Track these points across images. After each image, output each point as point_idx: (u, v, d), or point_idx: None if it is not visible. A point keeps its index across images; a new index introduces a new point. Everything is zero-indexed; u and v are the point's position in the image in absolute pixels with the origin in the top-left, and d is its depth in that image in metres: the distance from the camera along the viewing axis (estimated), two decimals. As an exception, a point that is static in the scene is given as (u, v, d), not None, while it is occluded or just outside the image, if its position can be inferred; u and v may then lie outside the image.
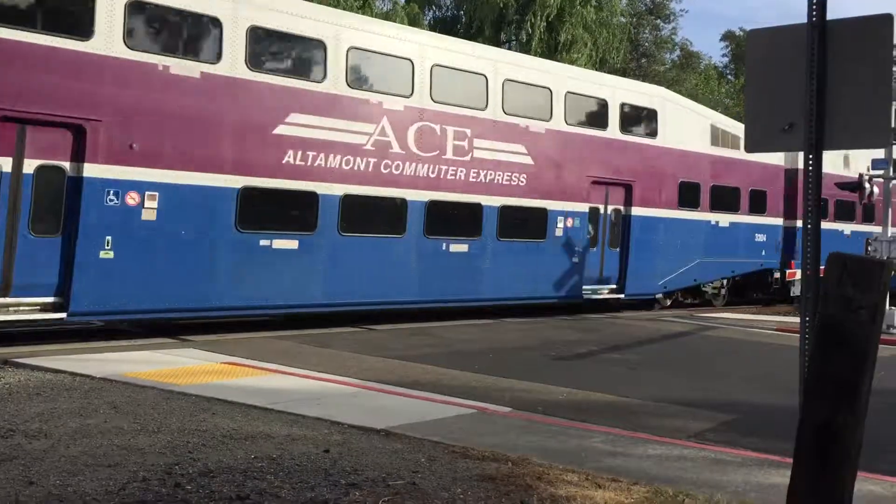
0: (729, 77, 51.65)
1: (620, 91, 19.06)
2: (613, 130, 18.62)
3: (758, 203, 22.66)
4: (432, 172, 15.28)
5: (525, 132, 16.82)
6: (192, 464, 5.59)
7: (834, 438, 3.68)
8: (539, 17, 29.54)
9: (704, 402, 9.44)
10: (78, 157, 11.18)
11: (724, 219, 21.66)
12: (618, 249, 19.06)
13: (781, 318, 19.84)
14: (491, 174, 16.23)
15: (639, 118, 19.47)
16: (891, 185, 19.41)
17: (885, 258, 17.28)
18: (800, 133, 4.55)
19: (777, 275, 23.38)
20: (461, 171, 15.74)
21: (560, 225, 17.50)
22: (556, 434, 7.29)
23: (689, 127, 20.66)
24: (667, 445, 7.09)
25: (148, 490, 4.99)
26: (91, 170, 11.25)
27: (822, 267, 4.06)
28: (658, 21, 44.13)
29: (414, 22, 27.84)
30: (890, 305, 16.41)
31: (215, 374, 9.32)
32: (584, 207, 17.99)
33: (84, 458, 5.61)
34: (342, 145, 13.99)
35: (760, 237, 22.75)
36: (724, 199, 21.52)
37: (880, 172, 19.68)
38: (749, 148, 4.98)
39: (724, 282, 22.75)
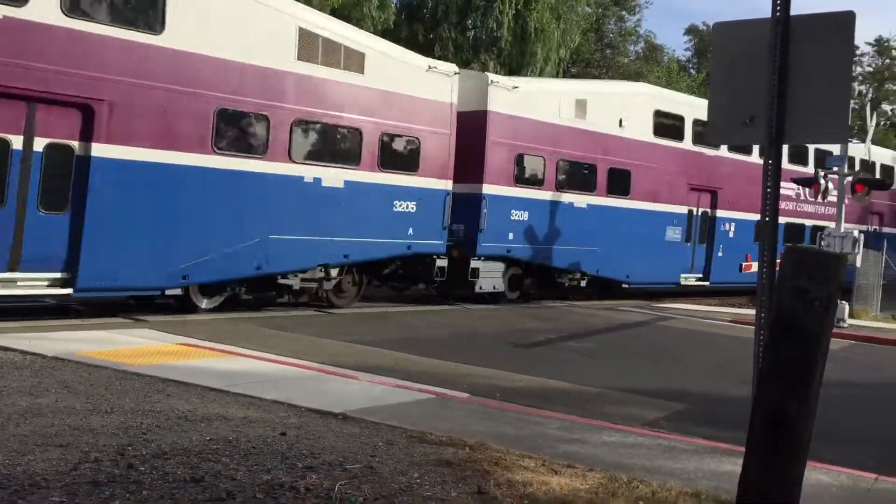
0: (691, 71, 52.17)
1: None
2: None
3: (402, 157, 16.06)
4: None
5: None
6: (145, 445, 5.51)
7: (786, 427, 3.75)
8: (507, 5, 29.46)
9: (659, 391, 9.57)
10: None
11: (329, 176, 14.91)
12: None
13: (736, 310, 20.19)
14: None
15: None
16: (845, 181, 19.83)
17: (838, 252, 17.65)
18: (760, 127, 4.60)
19: (442, 262, 16.49)
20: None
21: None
22: (513, 420, 7.33)
23: None
24: (622, 433, 7.18)
25: (100, 471, 4.91)
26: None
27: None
28: (623, 13, 44.38)
29: (383, 8, 27.59)
30: (840, 299, 16.78)
31: (171, 354, 9.20)
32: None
33: (34, 438, 5.50)
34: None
35: (405, 206, 15.73)
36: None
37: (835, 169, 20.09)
38: (712, 140, 5.04)
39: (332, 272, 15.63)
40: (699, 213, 22.11)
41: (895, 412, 9.91)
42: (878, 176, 26.41)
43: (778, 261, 4.15)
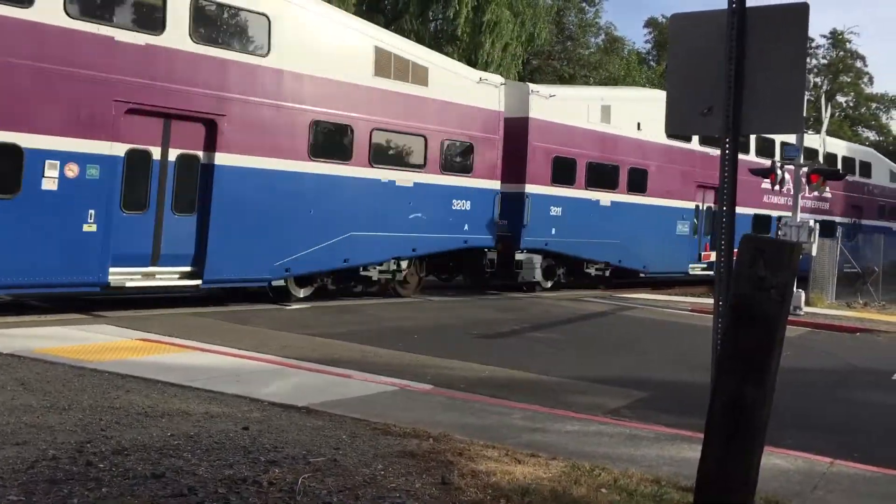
0: (651, 63, 52.65)
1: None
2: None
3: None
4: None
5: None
6: (104, 442, 5.43)
7: (743, 413, 3.82)
8: (465, -2, 29.47)
9: (621, 380, 9.68)
10: None
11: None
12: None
13: (696, 300, 20.47)
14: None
15: None
16: (801, 171, 20.18)
17: (794, 241, 17.97)
18: (718, 117, 4.66)
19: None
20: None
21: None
22: (477, 411, 7.36)
23: None
24: (584, 422, 7.24)
25: (58, 469, 4.83)
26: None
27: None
28: (583, 4, 44.60)
29: (343, 0, 27.38)
30: (796, 287, 17.11)
31: (130, 350, 9.07)
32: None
33: (-11, 437, 5.38)
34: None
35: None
36: None
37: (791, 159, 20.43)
38: (669, 130, 5.10)
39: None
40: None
41: (850, 398, 10.14)
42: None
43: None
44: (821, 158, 25.92)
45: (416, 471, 5.21)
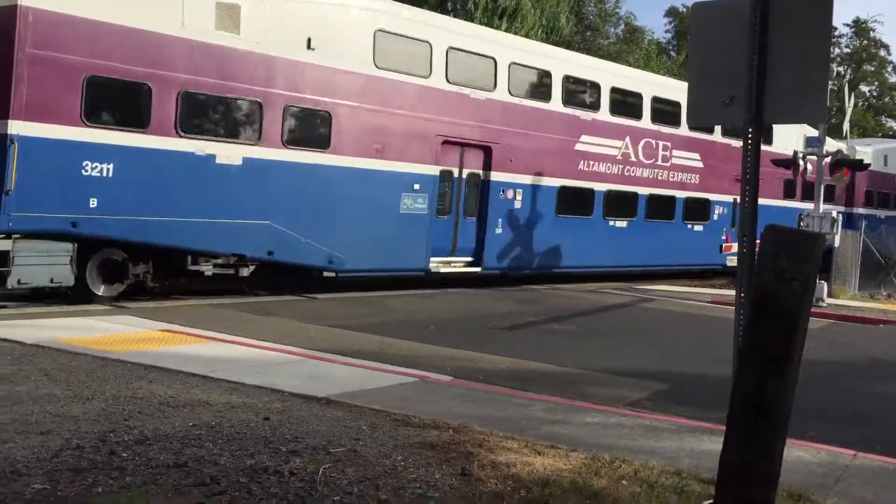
0: (671, 53, 52.25)
1: None
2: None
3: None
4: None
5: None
6: (127, 431, 5.49)
7: (765, 405, 3.79)
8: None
9: (642, 372, 9.64)
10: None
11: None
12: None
13: (717, 291, 20.35)
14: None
15: None
16: (823, 162, 19.97)
17: (817, 232, 17.82)
18: (740, 107, 4.62)
19: None
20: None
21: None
22: (496, 402, 7.37)
23: None
24: (604, 413, 7.23)
25: (82, 458, 4.89)
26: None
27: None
28: (603, -6, 44.35)
29: None
30: (819, 279, 16.97)
31: (152, 341, 9.15)
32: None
33: (14, 426, 5.45)
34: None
35: None
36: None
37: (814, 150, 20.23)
38: (691, 121, 5.06)
39: None
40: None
41: (873, 390, 10.05)
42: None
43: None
44: (844, 150, 25.60)
45: (436, 462, 5.23)
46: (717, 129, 22.48)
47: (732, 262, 22.64)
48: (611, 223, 20.31)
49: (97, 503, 4.24)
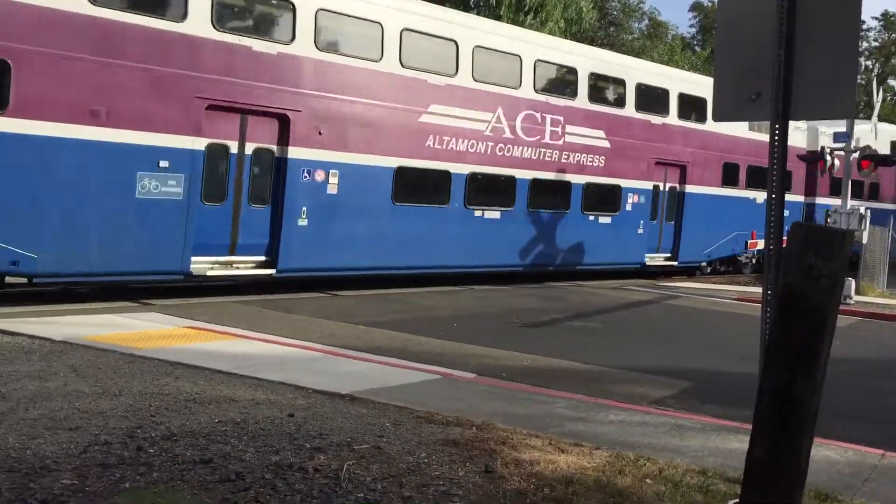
0: (696, 48, 51.83)
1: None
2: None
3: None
4: None
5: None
6: (154, 427, 5.54)
7: (792, 404, 3.75)
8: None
9: (665, 370, 9.59)
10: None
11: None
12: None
13: (741, 288, 20.17)
14: None
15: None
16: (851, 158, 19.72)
17: (844, 229, 17.60)
18: (767, 103, 4.57)
19: None
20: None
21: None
22: (519, 400, 7.36)
23: None
24: (628, 411, 7.20)
25: (110, 453, 4.94)
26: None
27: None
28: (627, -10, 44.09)
29: None
30: (847, 276, 16.75)
31: (178, 338, 9.23)
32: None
33: (44, 421, 5.53)
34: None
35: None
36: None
37: (841, 145, 19.97)
38: (716, 117, 5.01)
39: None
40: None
41: (901, 388, 9.92)
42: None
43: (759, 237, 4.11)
44: (872, 144, 25.21)
45: (460, 459, 5.23)
46: (630, 102, 19.51)
47: (654, 260, 20.91)
48: (477, 214, 16.54)
49: (124, 499, 4.29)
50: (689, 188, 21.49)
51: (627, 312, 15.09)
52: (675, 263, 21.58)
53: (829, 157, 19.76)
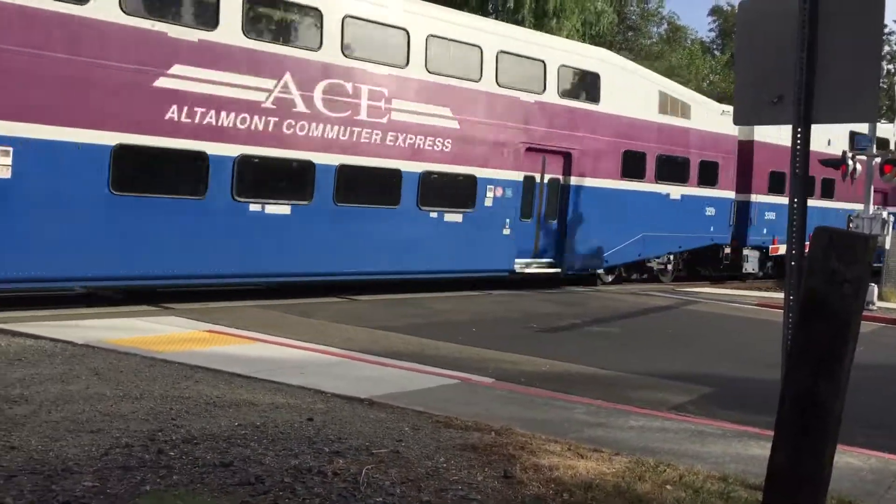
0: (715, 52, 51.57)
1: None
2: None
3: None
4: None
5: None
6: (175, 430, 5.58)
7: (815, 410, 3.72)
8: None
9: (685, 375, 9.53)
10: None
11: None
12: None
13: (763, 294, 20.02)
14: None
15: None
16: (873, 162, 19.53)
17: (868, 234, 17.42)
18: (788, 106, 4.54)
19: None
20: None
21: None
22: (538, 405, 7.34)
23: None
24: (648, 417, 7.15)
25: (131, 456, 4.98)
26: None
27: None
28: (645, -6, 43.97)
29: None
30: (870, 281, 16.56)
31: (198, 341, 9.29)
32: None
33: (66, 424, 5.58)
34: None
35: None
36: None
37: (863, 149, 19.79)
38: (738, 120, 4.98)
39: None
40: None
41: (925, 395, 9.79)
42: None
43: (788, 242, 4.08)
44: (893, 147, 24.98)
45: (479, 464, 5.22)
46: (489, 74, 15.97)
47: (529, 268, 17.37)
48: (253, 208, 12.88)
49: (145, 501, 4.31)
50: (577, 180, 17.94)
51: (646, 318, 15.01)
52: (558, 271, 17.94)
53: (850, 162, 19.59)
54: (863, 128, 21.85)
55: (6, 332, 9.00)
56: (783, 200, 19.18)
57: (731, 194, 22.15)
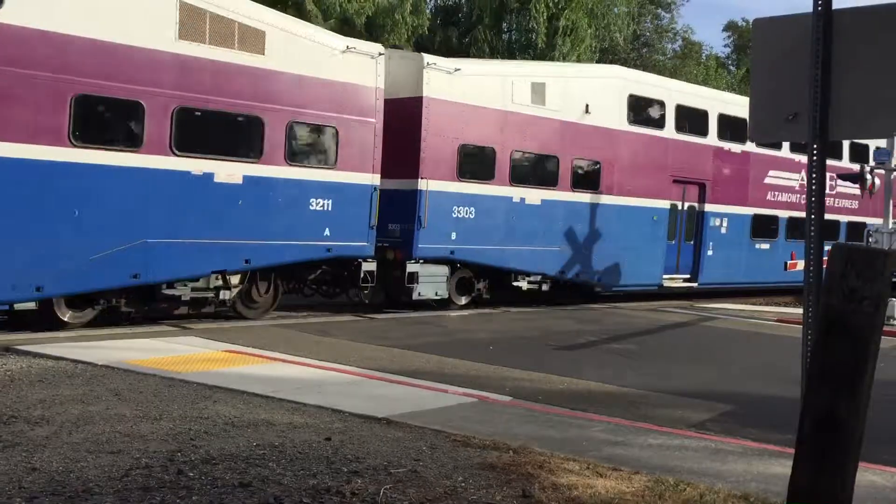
0: (731, 67, 51.50)
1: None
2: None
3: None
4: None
5: None
6: (194, 451, 5.60)
7: (836, 428, 3.69)
8: (542, 5, 29.31)
9: (705, 393, 9.46)
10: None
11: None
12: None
13: (782, 310, 19.86)
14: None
15: None
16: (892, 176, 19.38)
17: (886, 249, 17.25)
18: (804, 123, 4.53)
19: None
20: None
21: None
22: (557, 423, 7.31)
23: None
24: (667, 435, 7.11)
25: (151, 476, 5.01)
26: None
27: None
28: (659, 10, 44.00)
29: (417, 13, 27.65)
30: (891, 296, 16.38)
31: (216, 361, 9.33)
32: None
33: (86, 445, 5.62)
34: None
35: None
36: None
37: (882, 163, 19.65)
38: (753, 137, 4.98)
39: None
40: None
41: (949, 411, 9.65)
42: None
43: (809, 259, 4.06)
44: None
45: (497, 483, 5.21)
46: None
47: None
48: None
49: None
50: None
51: (664, 334, 14.93)
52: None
53: (869, 176, 19.46)
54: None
55: (27, 353, 9.09)
56: (486, 191, 16.00)
57: (368, 178, 13.98)
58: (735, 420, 8.21)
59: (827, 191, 20.30)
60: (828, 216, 19.18)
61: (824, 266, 3.97)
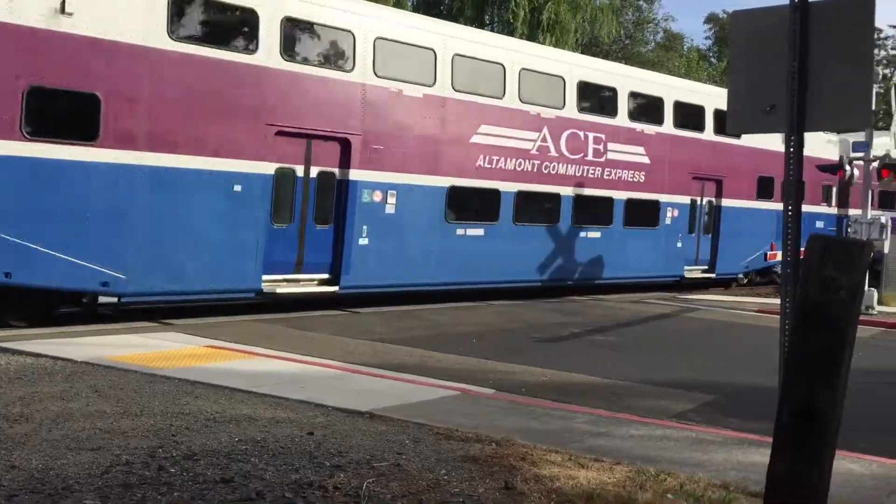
0: (712, 59, 51.73)
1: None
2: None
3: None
4: None
5: None
6: (175, 447, 5.58)
7: (813, 417, 3.72)
8: (523, -3, 29.36)
9: (686, 383, 9.52)
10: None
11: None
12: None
13: (763, 300, 20.00)
14: None
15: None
16: (870, 167, 19.56)
17: (864, 240, 17.39)
18: (782, 114, 4.56)
19: None
20: None
21: None
22: (539, 415, 7.33)
23: None
24: (649, 426, 7.15)
25: (131, 473, 4.98)
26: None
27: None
28: (640, 2, 44.11)
29: (399, 4, 27.57)
30: (868, 286, 16.56)
31: (198, 357, 9.29)
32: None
33: (66, 442, 5.58)
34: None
35: None
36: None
37: (860, 154, 19.81)
38: (732, 129, 5.01)
39: None
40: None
41: (927, 399, 9.78)
42: None
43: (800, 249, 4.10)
44: (893, 154, 24.92)
45: (480, 475, 5.22)
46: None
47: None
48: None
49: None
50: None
51: (647, 326, 15.01)
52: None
53: (848, 167, 19.62)
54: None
55: (6, 350, 9.00)
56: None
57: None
58: (716, 410, 8.28)
59: (592, 156, 18.13)
60: (602, 191, 18.51)
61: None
